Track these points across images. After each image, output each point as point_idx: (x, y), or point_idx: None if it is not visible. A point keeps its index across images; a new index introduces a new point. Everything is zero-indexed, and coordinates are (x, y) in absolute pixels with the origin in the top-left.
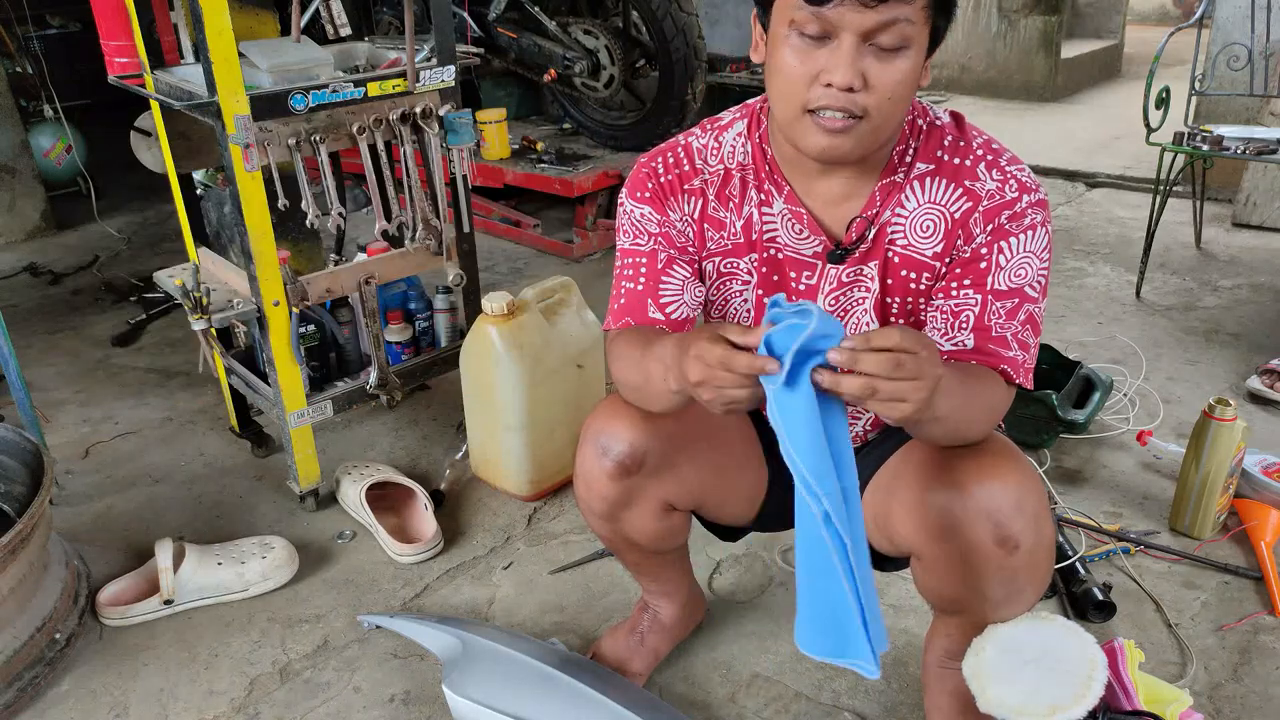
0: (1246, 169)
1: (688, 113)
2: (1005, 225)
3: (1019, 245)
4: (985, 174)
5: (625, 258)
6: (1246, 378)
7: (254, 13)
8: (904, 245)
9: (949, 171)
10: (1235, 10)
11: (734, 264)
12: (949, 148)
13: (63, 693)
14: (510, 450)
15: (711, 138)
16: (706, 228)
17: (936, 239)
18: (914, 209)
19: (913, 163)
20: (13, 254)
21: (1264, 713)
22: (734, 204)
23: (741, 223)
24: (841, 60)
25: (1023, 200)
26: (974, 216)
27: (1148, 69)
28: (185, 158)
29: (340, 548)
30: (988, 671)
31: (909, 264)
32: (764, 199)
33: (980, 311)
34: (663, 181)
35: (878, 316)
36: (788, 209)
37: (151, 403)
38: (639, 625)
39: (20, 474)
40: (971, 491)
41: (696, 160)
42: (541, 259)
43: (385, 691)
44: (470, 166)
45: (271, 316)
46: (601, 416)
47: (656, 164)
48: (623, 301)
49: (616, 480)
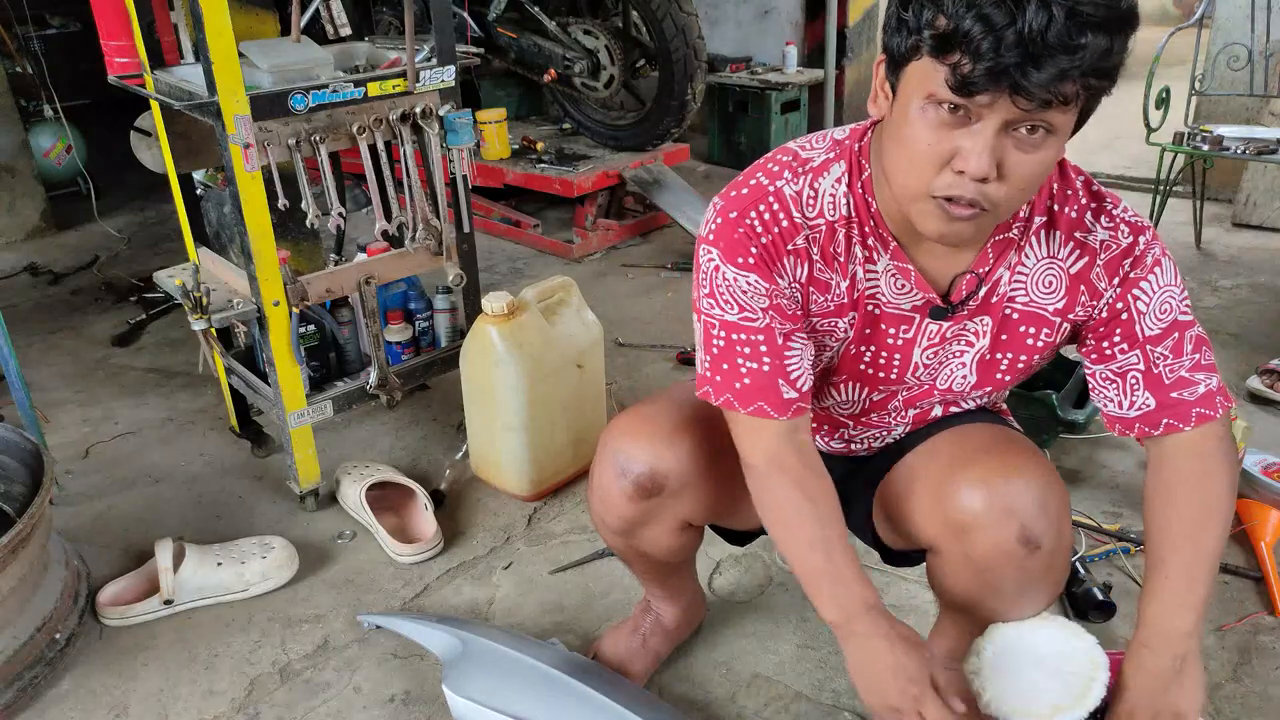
0: (1246, 169)
1: (688, 113)
2: (1130, 274)
3: (1153, 286)
4: (1094, 224)
5: (734, 332)
6: (1246, 378)
7: (254, 13)
8: (1025, 302)
9: (1063, 224)
10: (1235, 10)
11: (833, 324)
12: (1058, 195)
13: (63, 693)
14: (510, 450)
15: (806, 184)
16: (812, 291)
17: (1059, 295)
18: (1033, 265)
19: (1030, 217)
20: (13, 254)
21: (1264, 713)
22: (839, 264)
23: (847, 283)
24: (981, 148)
25: (1139, 243)
26: (1095, 271)
27: (1148, 69)
28: (185, 158)
29: (340, 548)
30: (989, 671)
31: (1030, 320)
32: (868, 256)
33: (1145, 366)
34: (765, 243)
35: (979, 372)
36: (894, 265)
37: (151, 403)
38: (641, 627)
39: (20, 474)
40: (997, 489)
41: (794, 213)
42: (541, 259)
43: (385, 691)
44: (470, 166)
45: (271, 316)
46: (621, 434)
47: (753, 221)
48: (747, 383)
49: (636, 502)
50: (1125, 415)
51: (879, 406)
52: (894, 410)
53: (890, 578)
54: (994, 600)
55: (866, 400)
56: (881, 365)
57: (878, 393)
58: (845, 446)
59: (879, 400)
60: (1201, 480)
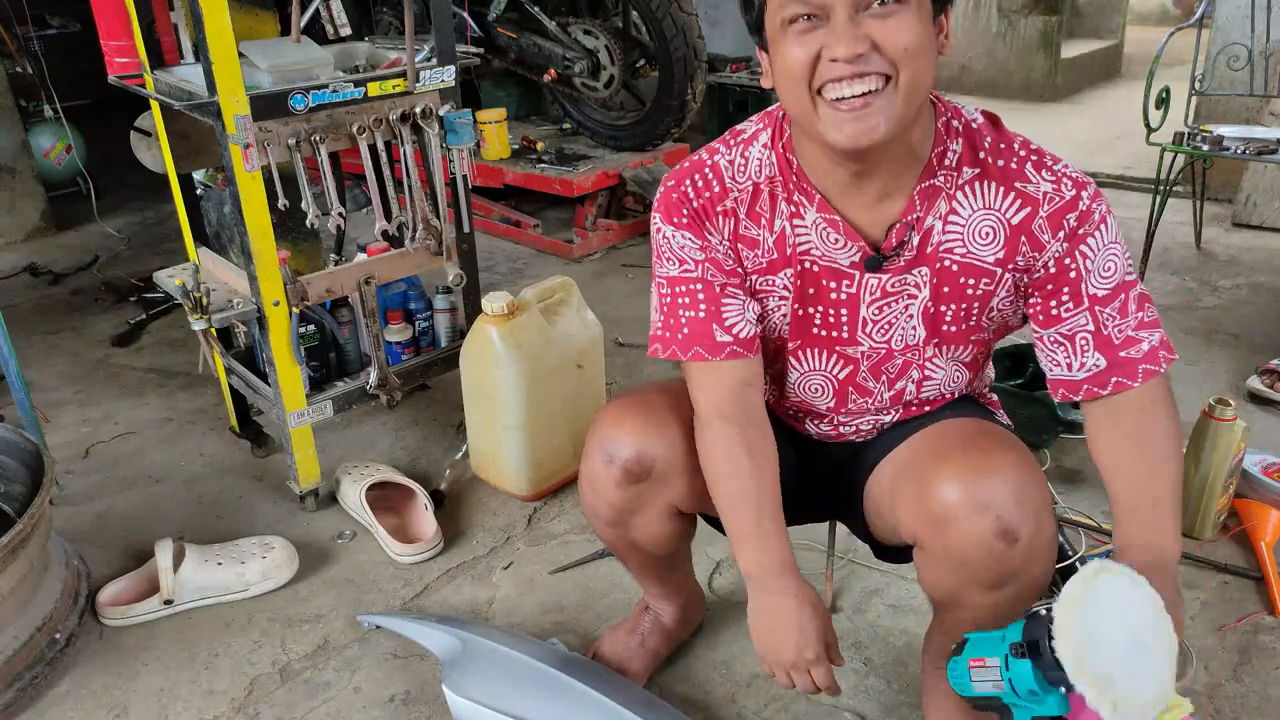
0: (1246, 169)
1: (688, 113)
2: (1076, 229)
3: (1097, 243)
4: (1035, 175)
5: (675, 285)
6: (1246, 378)
7: (254, 13)
8: (963, 253)
9: (996, 175)
10: (1235, 10)
11: (770, 281)
12: (991, 149)
13: (63, 693)
14: (510, 450)
15: (737, 153)
16: (741, 248)
17: (997, 245)
18: (969, 215)
19: (957, 166)
20: (13, 254)
21: (1264, 713)
22: (765, 220)
23: (774, 238)
24: (840, 32)
25: (1083, 198)
26: (1037, 222)
27: (1148, 69)
28: (185, 158)
29: (340, 548)
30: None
31: (969, 271)
32: (795, 210)
33: (1095, 326)
34: (696, 206)
35: (926, 325)
36: (821, 218)
37: (151, 403)
38: (640, 627)
39: (20, 474)
40: (973, 483)
41: (725, 179)
42: (541, 259)
43: (385, 691)
44: (470, 166)
45: (271, 316)
46: (607, 423)
47: (686, 188)
48: (686, 332)
49: (624, 487)
50: (1074, 378)
51: (854, 386)
52: (874, 392)
53: (890, 577)
54: (978, 594)
55: (835, 379)
56: (831, 324)
57: (842, 366)
58: (834, 430)
59: (846, 377)
60: (1152, 431)
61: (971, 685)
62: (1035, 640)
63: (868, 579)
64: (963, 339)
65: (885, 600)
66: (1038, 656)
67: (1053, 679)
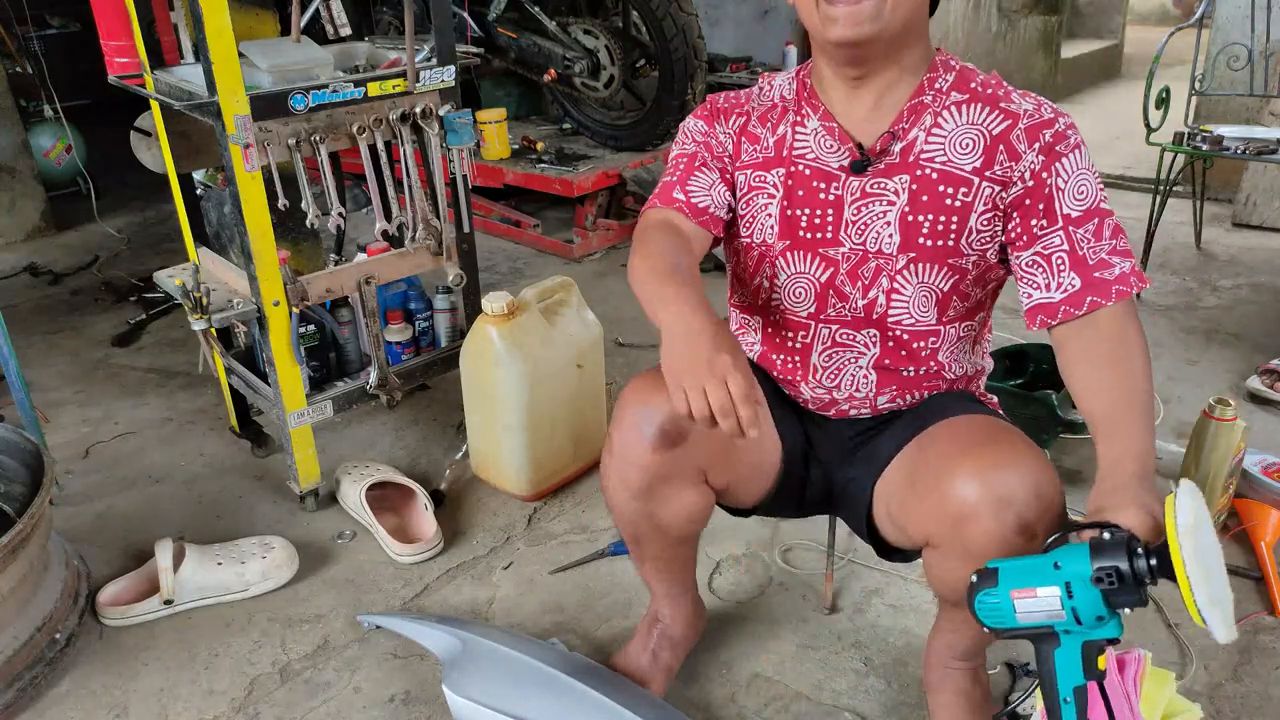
0: (1246, 169)
1: (688, 113)
2: (1053, 145)
3: (1072, 165)
4: (1019, 99)
5: (676, 159)
6: (1246, 378)
7: (254, 13)
8: (944, 161)
9: (983, 98)
10: (1235, 10)
11: (762, 177)
12: (981, 82)
13: (63, 693)
14: (510, 450)
15: (766, 83)
16: (744, 141)
17: (976, 154)
18: (952, 130)
19: (946, 90)
20: (13, 254)
21: (1264, 713)
22: (771, 124)
23: (775, 139)
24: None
25: (1060, 120)
26: (1015, 133)
27: (1147, 69)
28: (185, 158)
29: (340, 548)
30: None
31: (946, 179)
32: (798, 120)
33: (1070, 246)
34: (720, 106)
35: (901, 232)
36: (821, 125)
37: (151, 403)
38: (649, 642)
39: (20, 474)
40: (991, 479)
41: (754, 97)
42: (541, 259)
43: (385, 691)
44: (470, 166)
45: (271, 316)
46: (640, 391)
47: (719, 97)
48: (659, 189)
49: (659, 451)
50: (1051, 299)
51: (834, 289)
52: (849, 297)
53: (890, 577)
54: None
55: (817, 282)
56: (817, 225)
57: (824, 268)
58: (828, 396)
59: (827, 280)
60: (1128, 350)
61: (1016, 617)
62: (1113, 568)
63: (868, 579)
64: (938, 258)
65: (885, 600)
66: (1117, 584)
67: (1124, 604)
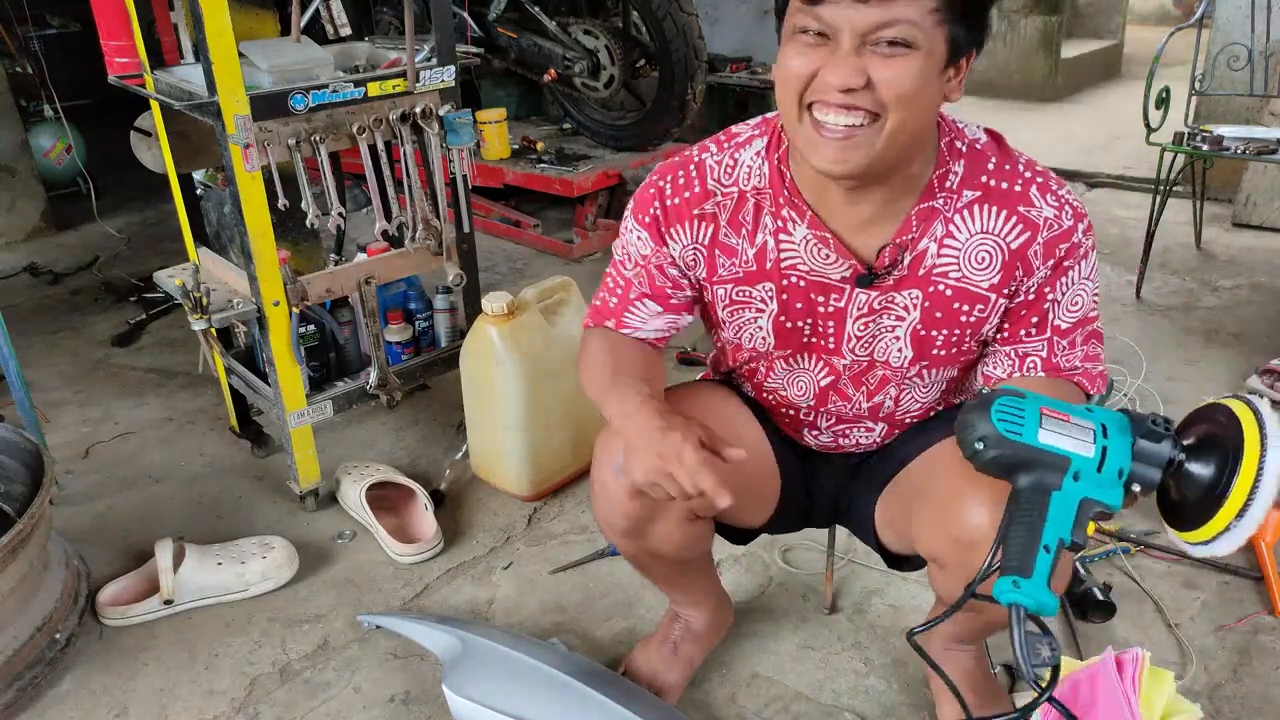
0: (1246, 169)
1: (688, 113)
2: (1063, 260)
3: (1076, 276)
4: (1039, 199)
5: (614, 267)
6: (1246, 378)
7: (254, 13)
8: (958, 277)
9: (998, 198)
10: (1235, 10)
11: (746, 292)
12: (994, 172)
13: (63, 693)
14: (510, 450)
15: (728, 155)
16: (717, 253)
17: (993, 271)
18: (966, 240)
19: (957, 189)
20: (13, 254)
21: (1264, 713)
22: (746, 231)
23: (754, 250)
24: (840, 59)
25: (1078, 230)
26: (1033, 249)
27: (1148, 69)
28: (185, 158)
29: (340, 548)
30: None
31: (962, 297)
32: (781, 225)
33: (1047, 354)
34: (669, 205)
35: (914, 347)
36: (811, 234)
37: (151, 403)
38: (671, 635)
39: (20, 474)
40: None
41: (709, 180)
42: (541, 259)
43: (385, 691)
44: (470, 166)
45: (271, 316)
46: (611, 442)
47: (666, 184)
48: (597, 304)
49: (636, 497)
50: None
51: (835, 391)
52: (852, 399)
53: (890, 577)
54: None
55: (818, 383)
56: (820, 333)
57: (826, 372)
58: (834, 442)
59: (829, 383)
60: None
61: (1037, 435)
62: (1164, 419)
63: (868, 579)
64: (951, 361)
65: (885, 600)
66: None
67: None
